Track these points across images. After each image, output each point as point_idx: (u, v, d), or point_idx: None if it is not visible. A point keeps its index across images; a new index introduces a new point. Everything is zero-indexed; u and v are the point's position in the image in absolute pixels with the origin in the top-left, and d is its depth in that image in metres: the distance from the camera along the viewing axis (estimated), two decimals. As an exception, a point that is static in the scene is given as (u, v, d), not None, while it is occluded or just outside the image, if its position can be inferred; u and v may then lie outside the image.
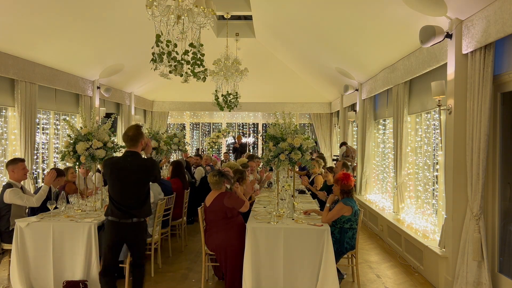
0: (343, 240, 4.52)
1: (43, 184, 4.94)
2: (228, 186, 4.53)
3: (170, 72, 4.38)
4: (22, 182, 4.93)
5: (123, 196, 3.72)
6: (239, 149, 12.50)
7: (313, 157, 8.35)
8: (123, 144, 4.05)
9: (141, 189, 3.81)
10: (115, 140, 7.32)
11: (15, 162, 4.86)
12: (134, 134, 3.78)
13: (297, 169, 9.26)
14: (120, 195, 3.72)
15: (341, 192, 4.62)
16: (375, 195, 8.32)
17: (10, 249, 4.41)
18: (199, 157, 9.07)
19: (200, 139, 15.30)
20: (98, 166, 6.87)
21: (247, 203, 4.49)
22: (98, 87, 8.97)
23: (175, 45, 4.20)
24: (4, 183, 4.98)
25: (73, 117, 8.58)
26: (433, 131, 5.54)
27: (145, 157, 3.98)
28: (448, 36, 4.39)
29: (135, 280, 3.90)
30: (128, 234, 3.77)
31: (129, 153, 3.78)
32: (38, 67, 6.91)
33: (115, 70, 8.77)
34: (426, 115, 5.85)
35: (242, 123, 15.14)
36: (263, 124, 14.85)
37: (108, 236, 3.76)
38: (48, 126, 7.89)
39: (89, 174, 6.25)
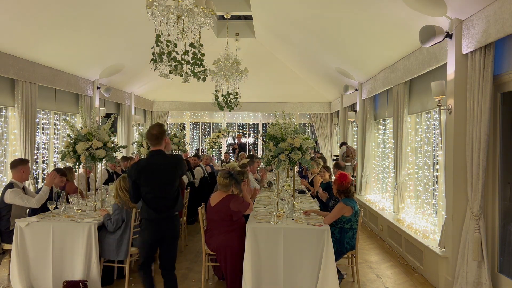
0: (343, 240, 4.52)
1: (43, 185, 4.94)
2: (236, 192, 4.52)
3: (170, 72, 4.38)
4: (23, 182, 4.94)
5: (161, 197, 3.71)
6: (239, 150, 12.48)
7: (314, 157, 8.35)
8: (123, 144, 4.04)
9: (174, 185, 3.81)
10: (115, 140, 7.31)
11: (24, 163, 4.86)
12: (159, 132, 3.75)
13: (299, 172, 9.28)
14: (158, 197, 3.70)
15: (338, 192, 4.62)
16: (375, 195, 8.32)
17: (10, 249, 4.41)
18: (197, 158, 9.07)
19: (200, 139, 15.30)
20: (106, 165, 6.86)
21: (251, 206, 4.49)
22: (98, 87, 8.96)
23: (175, 45, 4.20)
24: (5, 183, 4.98)
25: (73, 117, 8.57)
26: (433, 131, 5.53)
27: None
28: (448, 36, 4.39)
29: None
30: (168, 229, 3.76)
31: (155, 153, 3.75)
32: (38, 67, 6.91)
33: (115, 70, 8.77)
34: (426, 115, 5.85)
35: (242, 123, 15.13)
36: (263, 124, 14.84)
37: (148, 233, 3.73)
38: (48, 126, 7.89)
39: (91, 174, 6.25)
